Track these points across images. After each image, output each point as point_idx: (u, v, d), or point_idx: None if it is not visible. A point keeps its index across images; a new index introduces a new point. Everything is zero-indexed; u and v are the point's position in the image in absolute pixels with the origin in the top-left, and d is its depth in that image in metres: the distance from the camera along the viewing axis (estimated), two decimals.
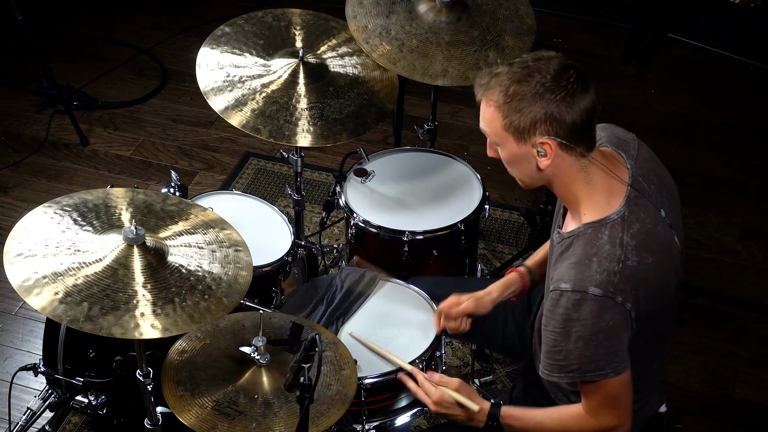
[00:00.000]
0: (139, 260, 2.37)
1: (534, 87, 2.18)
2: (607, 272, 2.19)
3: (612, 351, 2.23)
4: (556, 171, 2.26)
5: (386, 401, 2.77)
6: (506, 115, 2.22)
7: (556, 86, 2.18)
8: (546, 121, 2.19)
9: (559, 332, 2.24)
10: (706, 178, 4.30)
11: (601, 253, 2.21)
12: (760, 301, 3.78)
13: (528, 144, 2.23)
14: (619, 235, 2.23)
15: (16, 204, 4.10)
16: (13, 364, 3.39)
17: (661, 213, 2.31)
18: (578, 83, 2.19)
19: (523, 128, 2.21)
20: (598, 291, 2.18)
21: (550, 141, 2.21)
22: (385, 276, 2.98)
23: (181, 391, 2.48)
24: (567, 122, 2.19)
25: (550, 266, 2.40)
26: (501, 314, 2.81)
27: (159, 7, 5.10)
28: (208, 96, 3.04)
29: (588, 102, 2.21)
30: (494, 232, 4.05)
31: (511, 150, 2.27)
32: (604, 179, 2.28)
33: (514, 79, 2.21)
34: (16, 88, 4.69)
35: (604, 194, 2.27)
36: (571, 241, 2.28)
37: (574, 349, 2.23)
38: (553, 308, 2.24)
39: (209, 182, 4.25)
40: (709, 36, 5.06)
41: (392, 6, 3.24)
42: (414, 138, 3.84)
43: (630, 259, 2.21)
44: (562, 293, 2.22)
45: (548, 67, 2.20)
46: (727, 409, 3.42)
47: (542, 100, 2.18)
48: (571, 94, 2.18)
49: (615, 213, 2.25)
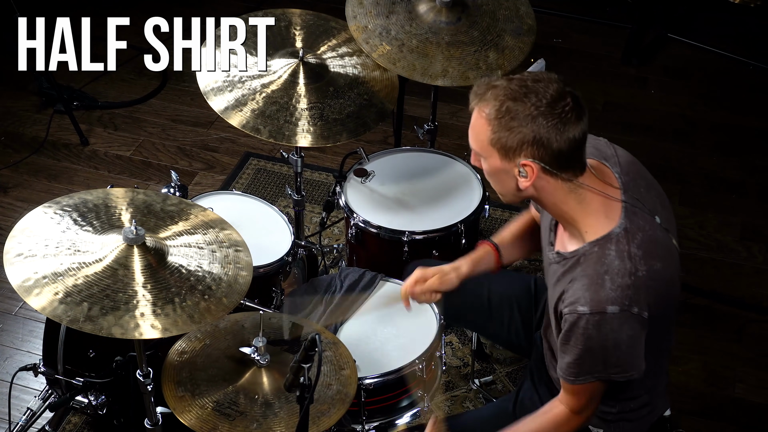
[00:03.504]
0: (139, 260, 2.37)
1: (528, 108, 2.17)
2: (620, 288, 2.20)
3: (635, 354, 2.26)
4: (541, 192, 2.26)
5: (386, 402, 2.78)
6: (495, 131, 2.21)
7: (550, 112, 2.16)
8: (533, 144, 2.18)
9: (581, 349, 2.25)
10: (706, 178, 4.30)
11: (612, 270, 2.21)
12: (760, 301, 3.77)
13: (512, 163, 2.22)
14: (626, 248, 2.23)
15: (16, 204, 4.10)
16: (13, 364, 3.39)
17: (656, 219, 2.32)
18: (572, 112, 2.18)
19: (509, 147, 2.20)
20: (616, 308, 2.20)
21: (533, 164, 2.20)
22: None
23: (181, 391, 2.48)
24: (553, 149, 2.18)
25: (549, 285, 2.39)
26: (507, 310, 2.81)
27: (159, 7, 5.10)
28: (208, 96, 3.04)
29: (578, 132, 2.19)
30: (494, 232, 4.04)
31: (494, 164, 2.26)
32: (597, 196, 2.27)
33: (510, 96, 2.19)
34: (16, 88, 4.69)
35: (601, 210, 2.27)
36: (575, 261, 2.28)
37: (600, 356, 2.26)
38: (571, 329, 2.25)
39: (209, 182, 4.25)
40: (709, 36, 5.06)
41: (392, 6, 3.24)
42: (414, 138, 3.83)
43: (640, 270, 2.22)
44: (580, 316, 2.22)
45: (546, 90, 2.18)
46: (727, 409, 3.42)
47: (534, 123, 2.17)
48: (563, 122, 2.17)
49: (617, 227, 2.25)
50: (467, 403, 3.34)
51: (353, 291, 2.93)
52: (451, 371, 3.41)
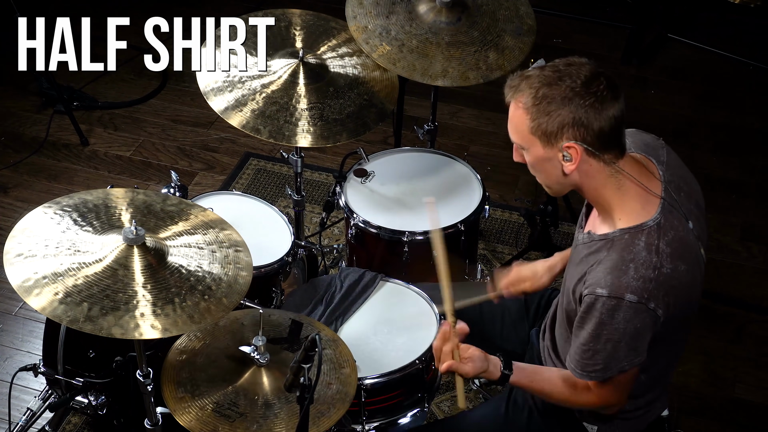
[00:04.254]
0: (139, 260, 2.37)
1: (564, 91, 2.18)
2: (643, 279, 2.20)
3: (633, 348, 2.25)
4: (584, 176, 2.26)
5: (386, 402, 2.77)
6: (534, 118, 2.21)
7: (585, 92, 2.18)
8: (574, 125, 2.19)
9: (590, 333, 2.25)
10: (706, 178, 4.30)
11: (637, 260, 2.21)
12: (760, 301, 3.78)
13: (555, 148, 2.22)
14: (655, 243, 2.23)
15: (16, 204, 4.10)
16: (13, 365, 3.39)
17: (689, 224, 2.32)
18: (608, 91, 2.19)
19: (550, 132, 2.21)
20: (634, 298, 2.19)
21: (577, 146, 2.20)
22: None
23: (181, 392, 2.48)
24: (594, 128, 2.19)
25: (572, 264, 2.40)
26: (498, 316, 2.81)
27: (159, 7, 5.10)
28: (208, 96, 3.04)
29: (617, 110, 2.20)
30: (494, 232, 4.05)
31: (537, 154, 2.26)
32: (637, 186, 2.28)
33: (544, 82, 2.20)
34: (16, 88, 4.69)
35: (638, 200, 2.27)
36: (603, 244, 2.28)
37: (602, 350, 2.25)
38: (587, 311, 2.25)
39: (209, 182, 4.25)
40: (709, 36, 5.06)
41: (392, 6, 3.24)
42: (414, 138, 3.83)
43: (665, 266, 2.22)
44: (597, 298, 2.22)
45: (579, 72, 2.20)
46: (727, 409, 3.42)
47: (571, 104, 2.18)
48: (600, 101, 2.18)
49: (651, 220, 2.25)
50: (467, 402, 3.34)
51: (353, 291, 2.93)
52: None
